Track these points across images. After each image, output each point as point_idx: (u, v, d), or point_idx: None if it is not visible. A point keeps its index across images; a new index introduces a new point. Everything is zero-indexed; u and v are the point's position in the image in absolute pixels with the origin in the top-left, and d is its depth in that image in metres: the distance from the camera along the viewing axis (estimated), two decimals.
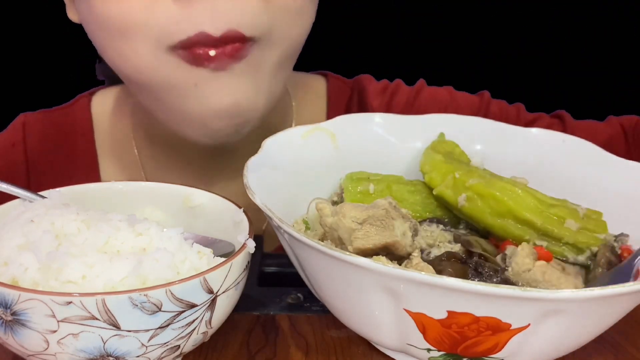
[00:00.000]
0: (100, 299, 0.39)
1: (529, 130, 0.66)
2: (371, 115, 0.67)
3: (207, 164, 0.76)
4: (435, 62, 1.74)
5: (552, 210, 0.54)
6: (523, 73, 1.79)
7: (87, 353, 0.41)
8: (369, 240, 0.48)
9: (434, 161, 0.60)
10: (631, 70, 1.71)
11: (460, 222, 0.59)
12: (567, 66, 1.78)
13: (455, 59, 1.76)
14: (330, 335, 0.54)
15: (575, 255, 0.54)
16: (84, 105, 0.81)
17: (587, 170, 0.62)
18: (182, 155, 0.77)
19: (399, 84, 0.85)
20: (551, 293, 0.39)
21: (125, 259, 0.43)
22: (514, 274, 0.49)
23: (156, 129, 0.76)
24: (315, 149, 0.62)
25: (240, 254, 0.46)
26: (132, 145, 0.79)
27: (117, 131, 0.80)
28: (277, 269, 0.64)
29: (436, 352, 0.45)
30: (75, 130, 0.81)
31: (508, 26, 1.76)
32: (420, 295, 0.41)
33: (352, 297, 0.45)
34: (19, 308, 0.40)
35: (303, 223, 0.56)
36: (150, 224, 0.48)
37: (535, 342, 0.43)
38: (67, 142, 0.81)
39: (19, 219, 0.47)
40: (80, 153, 0.80)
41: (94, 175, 0.80)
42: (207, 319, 0.45)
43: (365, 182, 0.59)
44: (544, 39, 1.78)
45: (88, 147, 0.80)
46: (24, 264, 0.42)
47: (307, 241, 0.43)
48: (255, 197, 0.49)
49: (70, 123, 0.81)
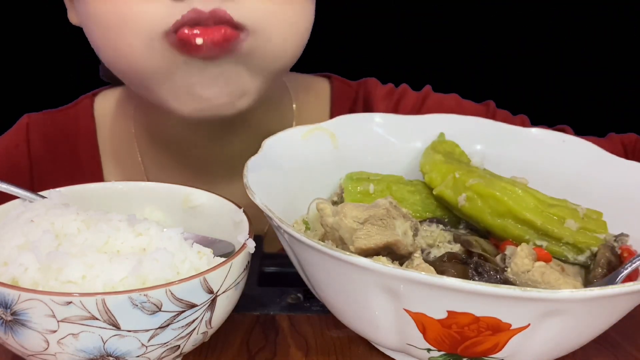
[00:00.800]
0: (100, 299, 0.39)
1: (529, 130, 0.67)
2: (371, 115, 0.67)
3: (209, 165, 0.76)
4: (436, 64, 1.74)
5: (552, 210, 0.54)
6: (526, 76, 1.79)
7: (87, 353, 0.41)
8: (370, 240, 0.48)
9: (434, 161, 0.60)
10: (633, 73, 1.71)
11: (460, 222, 0.59)
12: (571, 70, 1.78)
13: (457, 61, 1.76)
14: (330, 335, 0.54)
15: (575, 255, 0.54)
16: (86, 106, 0.82)
17: (587, 170, 0.62)
18: (184, 156, 0.77)
19: (406, 89, 0.85)
20: (551, 293, 0.39)
21: (125, 259, 0.43)
22: (513, 275, 0.49)
23: (158, 128, 0.76)
24: (315, 149, 0.62)
25: (240, 254, 0.46)
26: (134, 146, 0.79)
27: (119, 132, 0.80)
28: (277, 269, 0.64)
29: (436, 352, 0.45)
30: (79, 132, 0.81)
31: (511, 29, 1.76)
32: (420, 295, 0.41)
33: (352, 297, 0.45)
34: (19, 308, 0.40)
35: (303, 223, 0.56)
36: (150, 224, 0.48)
37: (535, 342, 0.43)
38: (70, 144, 0.81)
39: (18, 219, 0.47)
40: (84, 154, 0.81)
41: (98, 176, 0.80)
42: (207, 319, 0.45)
43: (365, 182, 0.59)
44: (548, 43, 1.78)
45: (91, 149, 0.81)
46: (24, 264, 0.42)
47: (307, 241, 0.43)
48: (255, 197, 0.49)
49: (73, 124, 0.81)
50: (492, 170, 0.60)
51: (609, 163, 0.62)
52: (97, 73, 0.85)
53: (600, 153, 0.63)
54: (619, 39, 1.76)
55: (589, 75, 1.79)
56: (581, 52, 1.77)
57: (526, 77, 1.80)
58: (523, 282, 0.48)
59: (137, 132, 0.79)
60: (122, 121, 0.80)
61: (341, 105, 0.84)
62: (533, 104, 1.20)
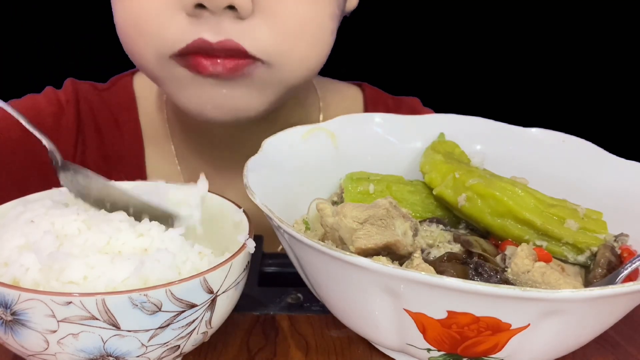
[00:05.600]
0: (100, 299, 0.39)
1: (529, 130, 0.66)
2: (371, 115, 0.67)
3: (234, 155, 0.76)
4: (437, 66, 1.74)
5: (552, 210, 0.54)
6: (528, 78, 1.79)
7: (87, 353, 0.41)
8: (370, 240, 0.48)
9: (434, 161, 0.60)
10: (631, 72, 1.71)
11: (460, 222, 0.59)
12: (571, 70, 1.78)
13: (458, 64, 1.76)
14: (330, 335, 0.54)
15: (575, 255, 0.54)
16: (127, 84, 0.82)
17: (587, 170, 0.62)
18: (211, 145, 0.78)
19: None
20: (551, 293, 0.39)
21: (127, 260, 0.43)
22: (513, 275, 0.49)
23: (186, 117, 0.77)
24: (315, 149, 0.62)
25: (240, 254, 0.46)
26: (167, 128, 0.81)
27: (155, 112, 0.81)
28: (277, 269, 0.64)
29: (436, 352, 0.45)
30: (121, 107, 0.81)
31: (513, 31, 1.76)
32: (420, 296, 0.41)
33: (352, 297, 0.45)
34: (19, 308, 0.40)
35: (303, 223, 0.56)
36: (152, 225, 0.48)
37: (535, 342, 0.43)
38: (113, 117, 0.81)
39: (18, 219, 0.47)
40: (126, 130, 0.81)
41: (139, 152, 0.81)
42: (207, 319, 0.45)
43: (365, 182, 0.59)
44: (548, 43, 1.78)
45: (134, 125, 0.81)
46: (25, 265, 0.42)
47: (308, 241, 0.43)
48: (255, 197, 0.49)
49: (115, 99, 0.82)
50: (492, 170, 0.60)
51: (609, 163, 0.62)
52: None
53: (600, 153, 0.63)
54: (619, 38, 1.76)
55: (589, 75, 1.79)
56: (581, 52, 1.77)
57: (529, 78, 1.80)
58: (523, 282, 0.48)
59: (169, 116, 0.80)
60: (157, 102, 0.81)
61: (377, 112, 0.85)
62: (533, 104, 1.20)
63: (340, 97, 0.84)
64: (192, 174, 0.80)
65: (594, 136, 0.65)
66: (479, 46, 1.77)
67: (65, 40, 1.65)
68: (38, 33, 1.66)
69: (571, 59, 1.79)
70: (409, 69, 1.69)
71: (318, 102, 0.82)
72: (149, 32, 0.60)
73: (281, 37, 0.59)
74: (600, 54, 1.78)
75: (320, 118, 0.81)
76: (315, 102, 0.82)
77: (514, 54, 1.78)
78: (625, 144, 0.85)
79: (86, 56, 1.58)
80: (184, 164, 0.80)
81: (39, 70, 1.58)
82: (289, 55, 0.61)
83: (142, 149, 0.80)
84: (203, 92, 0.62)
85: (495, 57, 1.77)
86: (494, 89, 1.74)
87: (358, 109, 0.85)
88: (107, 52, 0.72)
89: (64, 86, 0.81)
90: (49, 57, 1.63)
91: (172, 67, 0.61)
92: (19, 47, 1.67)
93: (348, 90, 0.86)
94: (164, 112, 0.81)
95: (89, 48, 1.60)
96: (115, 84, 0.83)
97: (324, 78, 0.84)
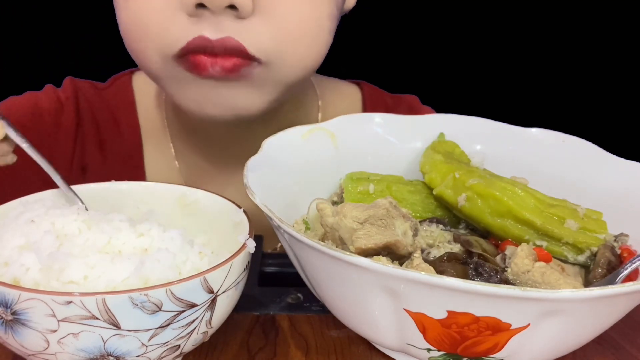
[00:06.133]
0: (101, 298, 0.39)
1: (529, 130, 0.66)
2: (371, 115, 0.67)
3: (234, 153, 0.76)
4: (436, 65, 1.74)
5: (552, 210, 0.54)
6: (528, 78, 1.79)
7: (87, 353, 0.41)
8: (370, 240, 0.48)
9: (434, 161, 0.60)
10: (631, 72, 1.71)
11: (460, 222, 0.59)
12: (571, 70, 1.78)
13: (457, 64, 1.76)
14: (330, 335, 0.54)
15: (575, 255, 0.54)
16: (126, 82, 0.82)
17: (587, 170, 0.62)
18: (208, 137, 0.78)
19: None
20: (551, 293, 0.39)
21: (127, 260, 0.43)
22: (513, 275, 0.49)
23: (186, 116, 0.77)
24: (315, 149, 0.62)
25: (240, 254, 0.46)
26: (166, 127, 0.81)
27: (154, 111, 0.81)
28: (277, 269, 0.65)
29: (436, 352, 0.45)
30: (119, 105, 0.81)
31: (513, 30, 1.76)
32: (420, 295, 0.41)
33: (352, 297, 0.45)
34: (19, 308, 0.40)
35: (303, 223, 0.56)
36: (152, 225, 0.48)
37: (535, 342, 0.43)
38: (111, 115, 0.81)
39: (18, 219, 0.47)
40: (125, 127, 0.81)
41: (138, 151, 0.81)
42: (207, 319, 0.45)
43: (365, 182, 0.59)
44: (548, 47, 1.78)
45: (132, 123, 0.81)
46: (25, 265, 0.42)
47: (308, 241, 0.43)
48: (255, 196, 0.49)
49: (113, 98, 0.82)
50: (492, 170, 0.60)
51: (609, 163, 0.62)
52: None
53: (601, 153, 0.63)
54: (619, 38, 1.76)
55: (589, 75, 1.79)
56: (581, 52, 1.77)
57: (529, 78, 1.80)
58: (523, 282, 0.48)
59: (168, 115, 0.80)
60: (157, 100, 0.81)
61: (376, 111, 0.85)
62: (533, 104, 1.20)
63: (338, 95, 0.85)
64: (190, 172, 0.80)
65: (594, 136, 0.65)
66: (479, 45, 1.77)
67: (65, 40, 1.65)
68: (38, 33, 1.66)
69: (571, 59, 1.79)
70: (408, 67, 1.69)
71: (317, 100, 0.82)
72: (152, 33, 0.60)
73: (281, 37, 0.60)
74: (600, 54, 1.78)
75: (319, 116, 0.82)
76: (314, 101, 0.82)
77: (514, 53, 1.78)
78: (625, 144, 0.85)
79: (86, 56, 1.58)
80: (182, 162, 0.80)
81: (39, 69, 1.57)
82: (287, 55, 0.61)
83: (141, 147, 0.80)
84: (203, 92, 0.62)
85: (495, 56, 1.77)
86: (494, 89, 1.74)
87: (357, 107, 0.85)
88: (107, 51, 0.72)
89: (64, 84, 0.81)
90: (49, 57, 1.63)
91: (174, 68, 0.61)
92: (19, 46, 1.67)
93: (347, 88, 0.86)
94: (163, 110, 0.81)
95: (89, 48, 1.60)
96: (114, 83, 0.83)
97: (322, 76, 0.84)
